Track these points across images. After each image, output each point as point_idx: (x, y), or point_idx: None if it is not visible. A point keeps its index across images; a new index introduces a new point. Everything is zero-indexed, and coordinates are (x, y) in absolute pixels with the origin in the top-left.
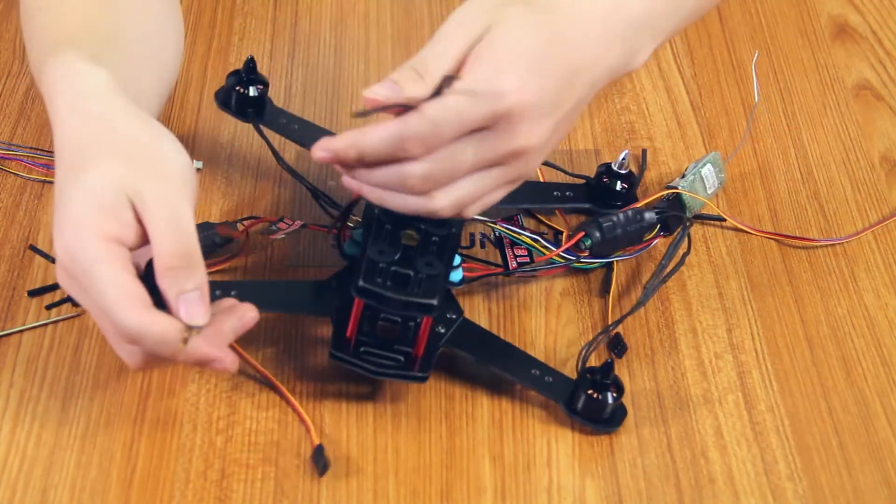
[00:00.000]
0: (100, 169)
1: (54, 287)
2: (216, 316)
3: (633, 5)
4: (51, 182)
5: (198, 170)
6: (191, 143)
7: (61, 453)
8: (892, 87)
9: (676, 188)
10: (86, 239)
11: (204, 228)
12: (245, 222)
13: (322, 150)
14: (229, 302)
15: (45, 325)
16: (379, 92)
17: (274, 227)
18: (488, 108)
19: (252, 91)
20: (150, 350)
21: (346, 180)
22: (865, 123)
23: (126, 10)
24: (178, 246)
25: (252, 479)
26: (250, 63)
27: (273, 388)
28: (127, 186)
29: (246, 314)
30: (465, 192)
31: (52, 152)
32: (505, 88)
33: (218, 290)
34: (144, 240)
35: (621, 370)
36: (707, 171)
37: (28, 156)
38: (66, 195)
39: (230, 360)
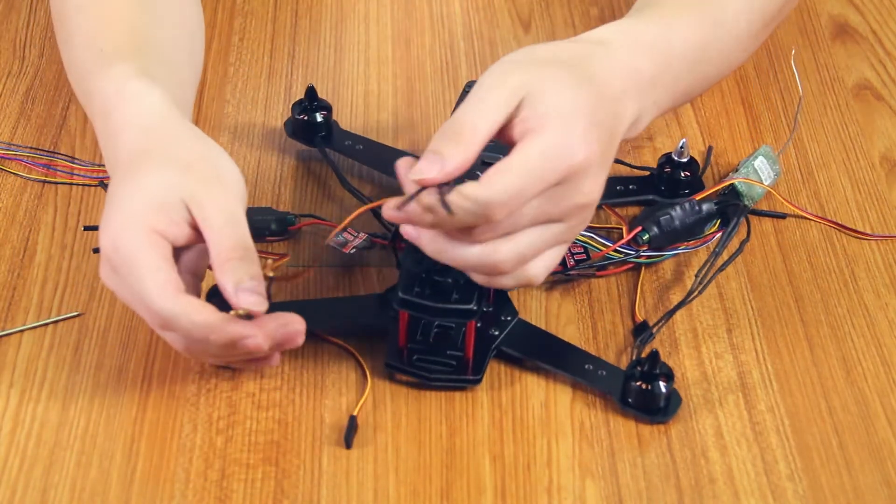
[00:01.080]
0: (157, 172)
1: None
2: (262, 318)
3: (644, 70)
4: (51, 182)
5: None
6: None
7: (61, 453)
8: (892, 87)
9: (732, 181)
10: (131, 229)
11: (262, 213)
12: (303, 219)
13: (394, 209)
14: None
15: (45, 325)
16: (425, 170)
17: (341, 238)
18: (564, 166)
19: (318, 117)
20: (184, 333)
21: (406, 230)
22: (865, 123)
23: (164, 14)
24: (235, 239)
25: (252, 479)
26: (311, 90)
27: (352, 356)
28: (183, 190)
29: (292, 324)
30: (527, 244)
31: (52, 152)
32: (574, 145)
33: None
34: (190, 241)
35: None
36: (760, 163)
37: (28, 156)
38: (119, 194)
39: (262, 337)
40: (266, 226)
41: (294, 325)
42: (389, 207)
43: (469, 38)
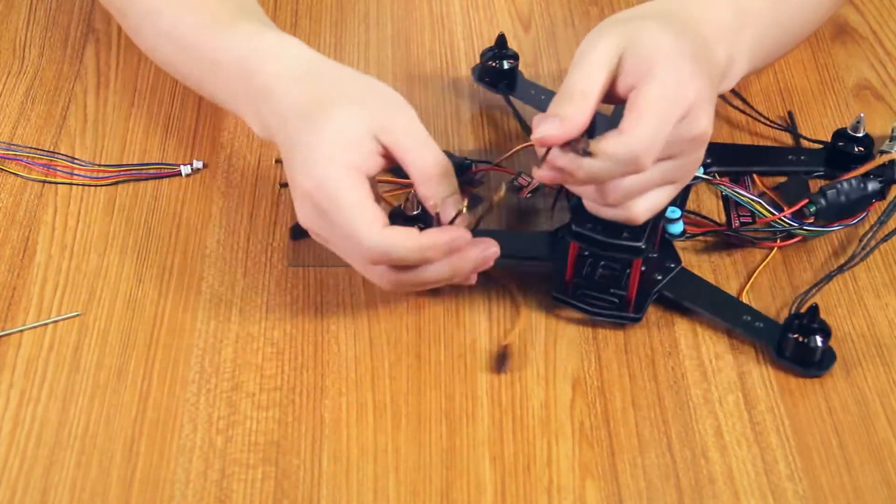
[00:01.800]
0: (339, 111)
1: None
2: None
3: (723, 18)
4: (51, 182)
5: (198, 170)
6: (190, 143)
7: (61, 453)
8: (892, 87)
9: (891, 153)
10: (335, 168)
11: None
12: (479, 165)
13: (549, 170)
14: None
15: (45, 324)
16: (546, 130)
17: (516, 184)
18: (685, 103)
19: (505, 64)
20: (400, 262)
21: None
22: (866, 123)
23: None
24: (433, 157)
25: (252, 479)
26: (502, 38)
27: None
28: (368, 123)
29: (490, 248)
30: (633, 181)
31: (52, 152)
32: (686, 81)
33: None
34: (383, 169)
35: (621, 371)
36: None
37: (28, 156)
38: (309, 138)
39: (482, 249)
40: None
41: (491, 249)
42: (536, 171)
43: (469, 38)
